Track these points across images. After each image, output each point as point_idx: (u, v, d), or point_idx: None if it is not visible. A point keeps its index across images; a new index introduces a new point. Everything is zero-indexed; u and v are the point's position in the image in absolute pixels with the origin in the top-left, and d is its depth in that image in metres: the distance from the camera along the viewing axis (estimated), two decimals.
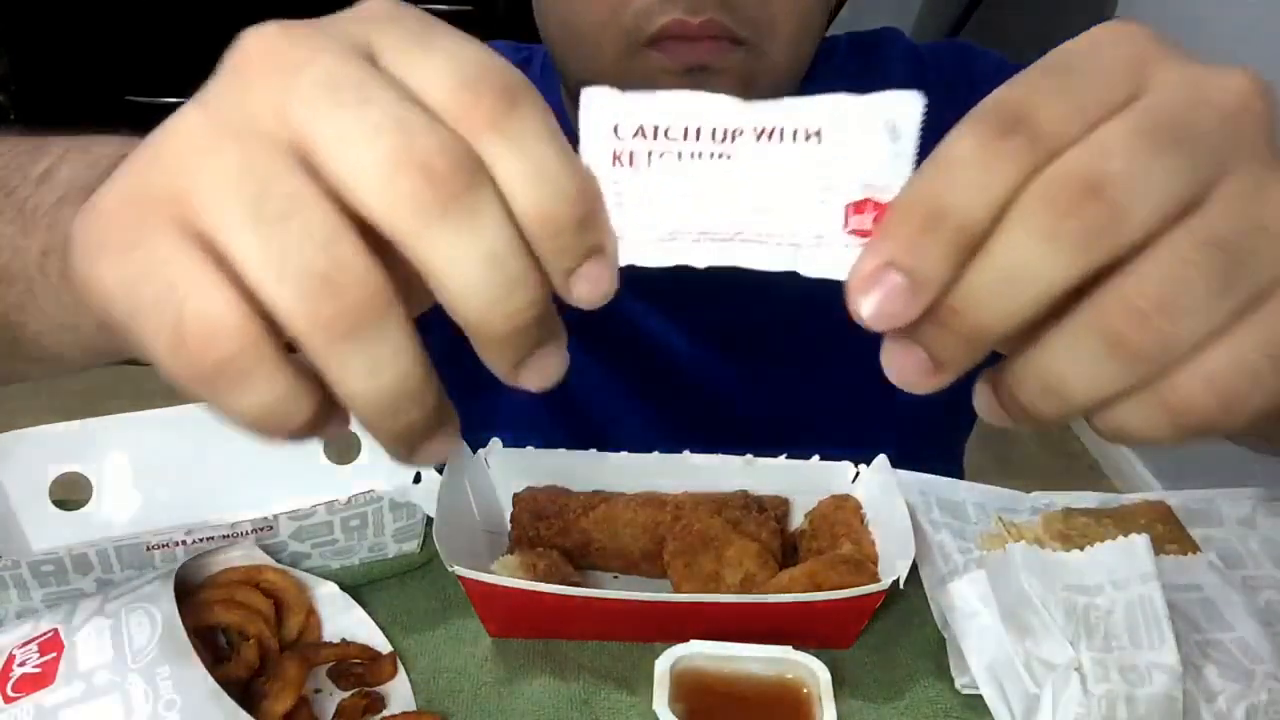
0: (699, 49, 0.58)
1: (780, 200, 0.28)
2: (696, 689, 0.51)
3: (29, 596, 0.54)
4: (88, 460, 0.61)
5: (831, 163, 0.28)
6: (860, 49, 0.76)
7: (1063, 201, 0.25)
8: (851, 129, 0.28)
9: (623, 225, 0.28)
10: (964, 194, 0.25)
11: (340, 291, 0.25)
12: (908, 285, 0.26)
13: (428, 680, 0.54)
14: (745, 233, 0.28)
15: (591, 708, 0.53)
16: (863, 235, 0.28)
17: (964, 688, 0.54)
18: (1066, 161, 0.25)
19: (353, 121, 0.25)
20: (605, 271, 0.28)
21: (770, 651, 0.52)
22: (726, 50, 0.59)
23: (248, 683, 0.50)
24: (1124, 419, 0.27)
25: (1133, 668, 0.49)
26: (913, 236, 0.26)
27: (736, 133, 0.28)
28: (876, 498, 0.61)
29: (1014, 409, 0.28)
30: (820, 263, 0.28)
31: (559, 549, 0.60)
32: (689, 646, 0.52)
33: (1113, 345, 0.25)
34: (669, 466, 0.63)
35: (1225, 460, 0.57)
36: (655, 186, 0.28)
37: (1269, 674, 0.50)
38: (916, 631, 0.58)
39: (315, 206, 0.25)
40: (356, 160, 0.25)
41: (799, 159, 0.28)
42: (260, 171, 0.25)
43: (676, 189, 0.28)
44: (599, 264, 0.27)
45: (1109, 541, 0.53)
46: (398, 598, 0.59)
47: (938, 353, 0.27)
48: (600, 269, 0.27)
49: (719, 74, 0.59)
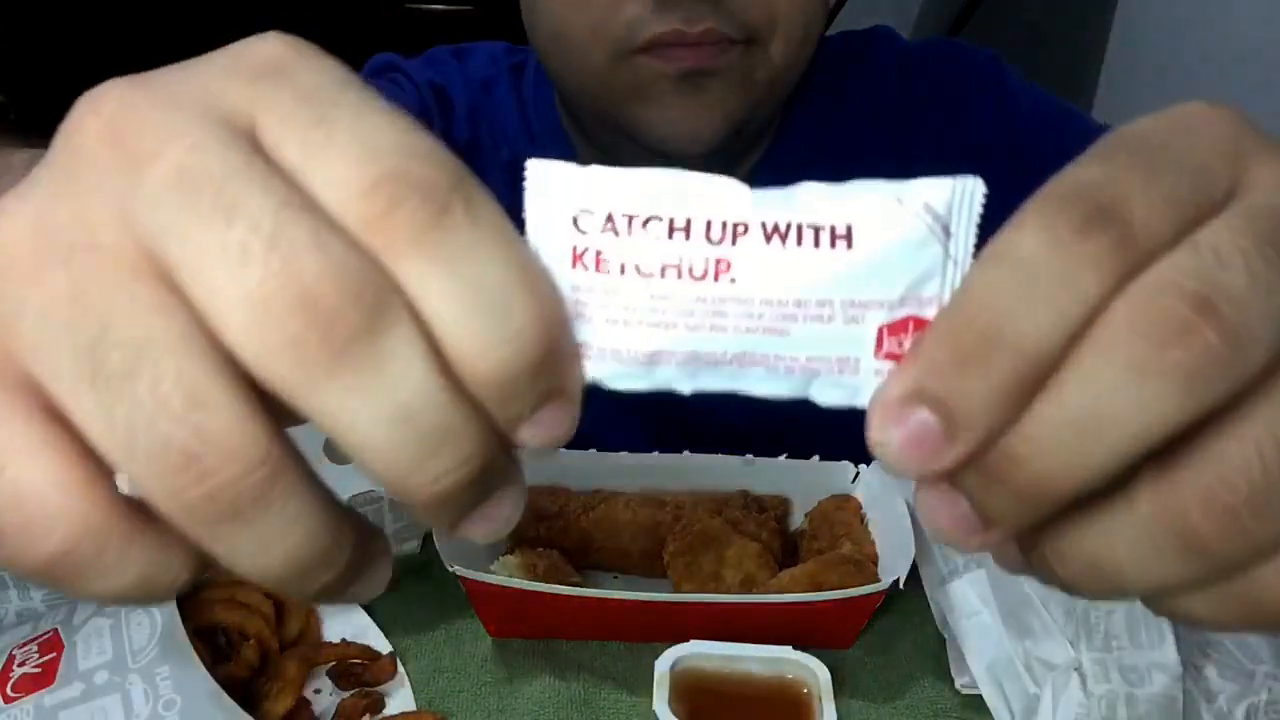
0: (697, 53, 0.58)
1: (796, 318, 0.21)
2: (696, 689, 0.51)
3: (29, 596, 0.54)
4: None
5: (863, 270, 0.21)
6: (851, 47, 0.76)
7: (1165, 323, 0.18)
8: (890, 226, 0.21)
9: (587, 342, 0.22)
10: (1030, 308, 0.19)
11: (207, 472, 0.18)
12: (941, 425, 0.20)
13: (428, 680, 0.54)
14: (748, 356, 0.22)
15: (591, 708, 0.53)
16: (898, 360, 0.21)
17: (964, 688, 0.54)
18: (1165, 270, 0.19)
19: (213, 239, 0.18)
20: (566, 415, 0.21)
21: (770, 651, 0.52)
22: (723, 51, 0.58)
23: (248, 683, 0.50)
24: (1187, 608, 0.21)
25: (1133, 668, 0.49)
26: (956, 360, 0.19)
27: (739, 230, 0.21)
28: (876, 498, 0.61)
29: (1047, 575, 0.22)
30: (842, 393, 0.22)
31: (559, 549, 0.60)
32: (689, 646, 0.52)
33: (1187, 542, 0.19)
34: (669, 466, 0.63)
35: None
36: (631, 296, 0.21)
37: (1269, 674, 0.50)
38: (916, 631, 0.58)
39: (169, 357, 0.19)
40: (218, 292, 0.18)
41: (821, 265, 0.21)
42: (98, 308, 0.19)
43: (659, 301, 0.21)
44: (558, 409, 0.21)
45: None
46: (398, 598, 0.59)
47: (988, 508, 0.21)
48: (559, 414, 0.21)
49: (716, 76, 0.59)
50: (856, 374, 0.22)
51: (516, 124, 0.72)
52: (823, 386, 0.22)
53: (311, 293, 0.18)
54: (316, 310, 0.18)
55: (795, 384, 0.22)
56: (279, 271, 0.18)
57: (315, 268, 0.18)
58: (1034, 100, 0.74)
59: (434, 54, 0.77)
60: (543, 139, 0.71)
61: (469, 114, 0.72)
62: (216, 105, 0.20)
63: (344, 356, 0.18)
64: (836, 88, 0.74)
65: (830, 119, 0.74)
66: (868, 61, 0.76)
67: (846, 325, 0.21)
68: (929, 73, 0.74)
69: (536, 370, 0.20)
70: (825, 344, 0.21)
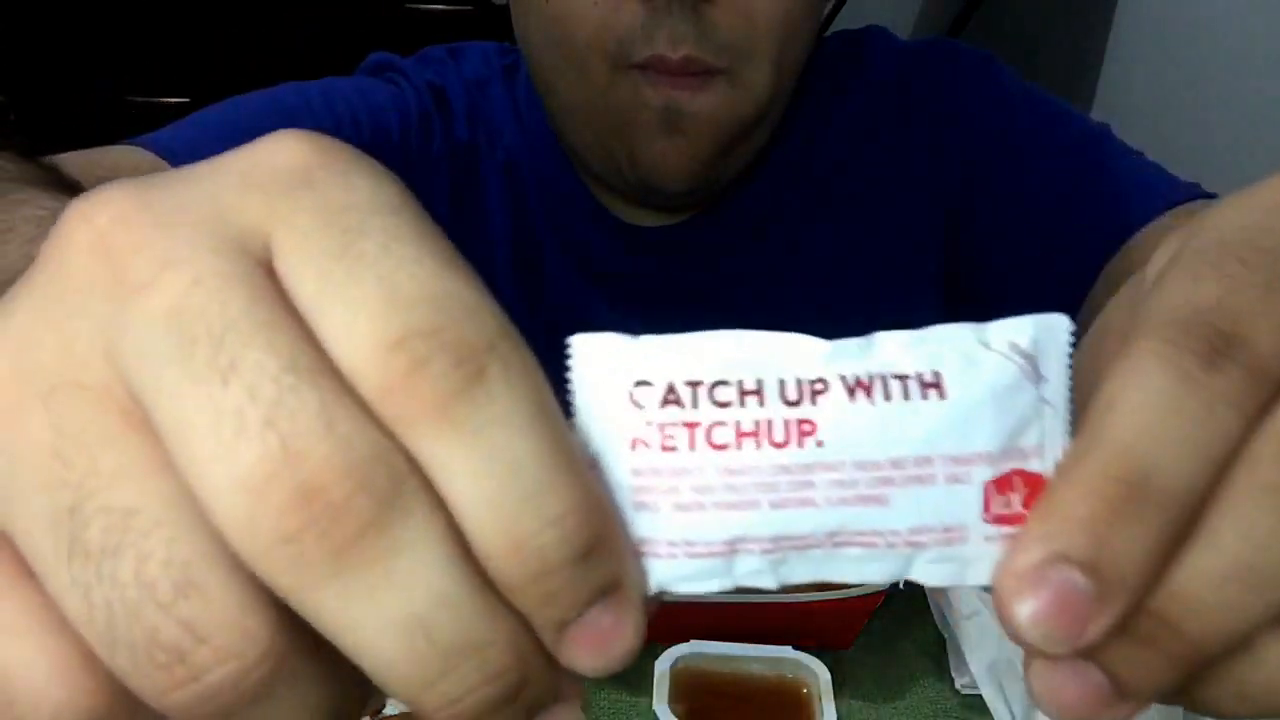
0: (676, 82, 0.59)
1: (894, 481, 0.19)
2: (696, 689, 0.51)
3: None
4: None
5: (960, 421, 0.19)
6: (847, 48, 0.77)
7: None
8: (980, 370, 0.19)
9: (652, 538, 0.19)
10: (1174, 452, 0.17)
11: (198, 672, 0.16)
12: (1093, 587, 0.17)
13: None
14: (842, 534, 0.19)
15: (591, 708, 0.53)
16: (1010, 523, 0.19)
17: (964, 688, 0.54)
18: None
19: (204, 403, 0.16)
20: (625, 619, 0.18)
21: (770, 651, 0.52)
22: (700, 87, 0.59)
23: None
24: None
25: None
26: (1101, 515, 0.17)
27: (818, 387, 0.19)
28: None
29: (1177, 696, 0.20)
30: (952, 568, 0.20)
31: None
32: (689, 646, 0.52)
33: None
34: None
35: None
36: (703, 475, 0.19)
37: None
38: (916, 631, 0.58)
39: (157, 530, 0.16)
40: (206, 468, 0.16)
41: (915, 419, 0.19)
42: (79, 464, 0.16)
43: (736, 476, 0.19)
44: (612, 610, 0.18)
45: None
46: None
47: (1128, 676, 0.18)
48: (613, 617, 0.18)
49: (691, 117, 0.60)
50: (965, 543, 0.19)
51: (511, 126, 0.72)
52: (928, 564, 0.19)
53: (312, 483, 0.15)
54: (316, 503, 0.15)
55: (896, 564, 0.19)
56: (276, 453, 0.15)
57: (319, 452, 0.16)
58: (1032, 100, 0.74)
59: (428, 53, 0.77)
60: (537, 142, 0.71)
61: (468, 114, 0.71)
62: (227, 223, 0.17)
63: (347, 556, 0.16)
64: (834, 89, 0.74)
65: (830, 119, 0.74)
66: (864, 62, 0.76)
67: (950, 485, 0.19)
68: (926, 73, 0.74)
69: (582, 561, 0.17)
70: (929, 510, 0.19)
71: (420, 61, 0.74)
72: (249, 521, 0.15)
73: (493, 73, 0.74)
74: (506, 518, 0.16)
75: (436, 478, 0.16)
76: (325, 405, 0.16)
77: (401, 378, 0.16)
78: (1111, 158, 0.70)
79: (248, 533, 0.15)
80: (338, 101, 0.66)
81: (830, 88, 0.74)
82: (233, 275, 0.16)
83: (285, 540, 0.15)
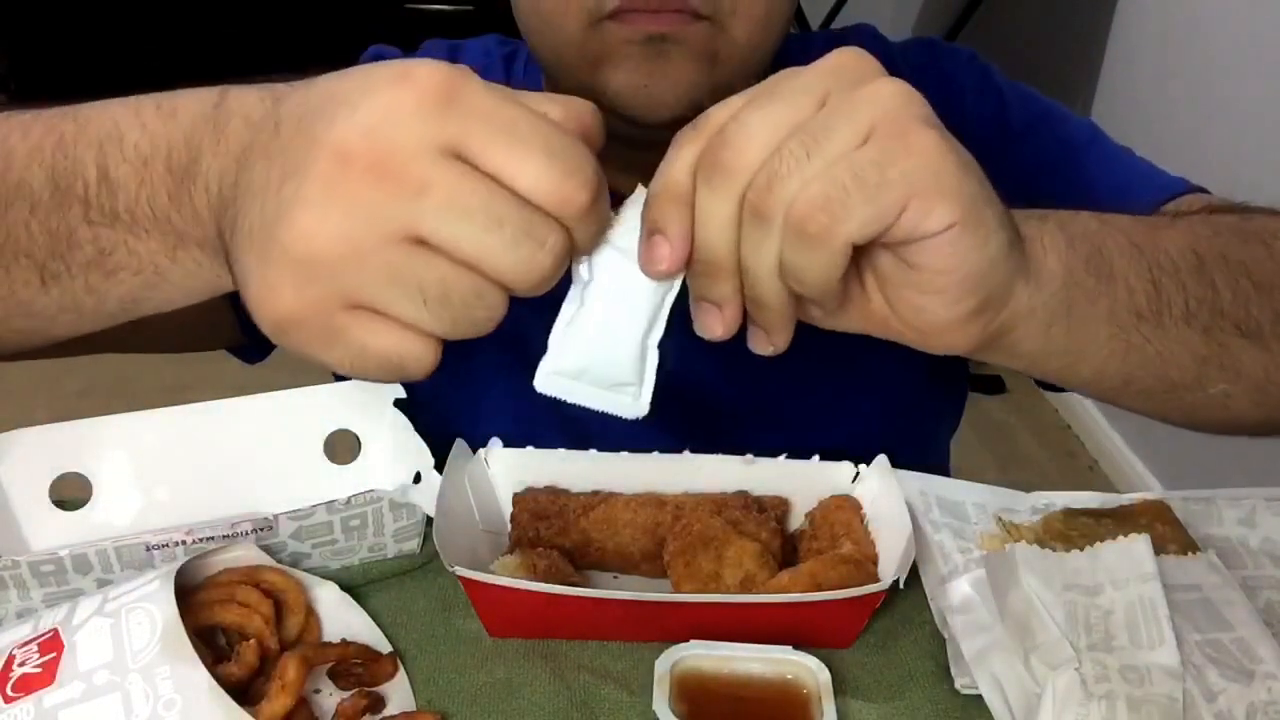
0: (659, 19, 0.60)
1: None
2: (696, 689, 0.51)
3: (29, 596, 0.53)
4: (88, 460, 0.61)
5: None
6: (833, 45, 0.77)
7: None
8: None
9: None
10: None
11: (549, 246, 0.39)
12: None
13: (428, 680, 0.54)
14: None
15: (591, 708, 0.53)
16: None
17: (964, 688, 0.54)
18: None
19: (492, 240, 0.37)
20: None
21: (770, 651, 0.52)
22: (686, 22, 0.60)
23: (248, 683, 0.50)
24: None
25: (1133, 668, 0.49)
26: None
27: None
28: (876, 498, 0.61)
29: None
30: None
31: (559, 549, 0.60)
32: (689, 646, 0.52)
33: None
34: (669, 467, 0.63)
35: (1225, 460, 0.57)
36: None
37: (1269, 674, 0.50)
38: (916, 631, 0.58)
39: (462, 277, 0.38)
40: (500, 258, 0.38)
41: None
42: (406, 276, 0.37)
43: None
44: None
45: (1109, 541, 0.53)
46: (398, 598, 0.59)
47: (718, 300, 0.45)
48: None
49: (679, 44, 0.61)
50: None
51: None
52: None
53: (532, 228, 0.38)
54: (535, 235, 0.38)
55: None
56: (520, 238, 0.37)
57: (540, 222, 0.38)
58: (1022, 98, 0.74)
59: (429, 47, 0.78)
60: None
61: None
62: (435, 142, 0.36)
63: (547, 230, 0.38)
64: None
65: None
66: None
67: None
68: (913, 72, 0.74)
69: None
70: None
71: (422, 55, 0.75)
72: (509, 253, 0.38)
73: (492, 62, 0.77)
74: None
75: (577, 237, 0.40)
76: (534, 215, 0.38)
77: (568, 195, 0.38)
78: (1106, 151, 0.71)
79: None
80: None
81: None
82: (462, 173, 0.37)
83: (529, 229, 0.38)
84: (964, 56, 0.76)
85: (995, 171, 0.72)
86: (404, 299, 0.37)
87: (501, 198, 0.37)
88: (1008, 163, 0.71)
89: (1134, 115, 2.24)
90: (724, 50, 0.62)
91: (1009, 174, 0.72)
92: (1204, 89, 2.00)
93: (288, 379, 0.65)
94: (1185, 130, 2.04)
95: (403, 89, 0.36)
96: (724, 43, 0.62)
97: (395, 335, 0.38)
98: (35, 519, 0.60)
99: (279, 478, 0.63)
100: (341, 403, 0.65)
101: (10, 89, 3.24)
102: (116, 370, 2.10)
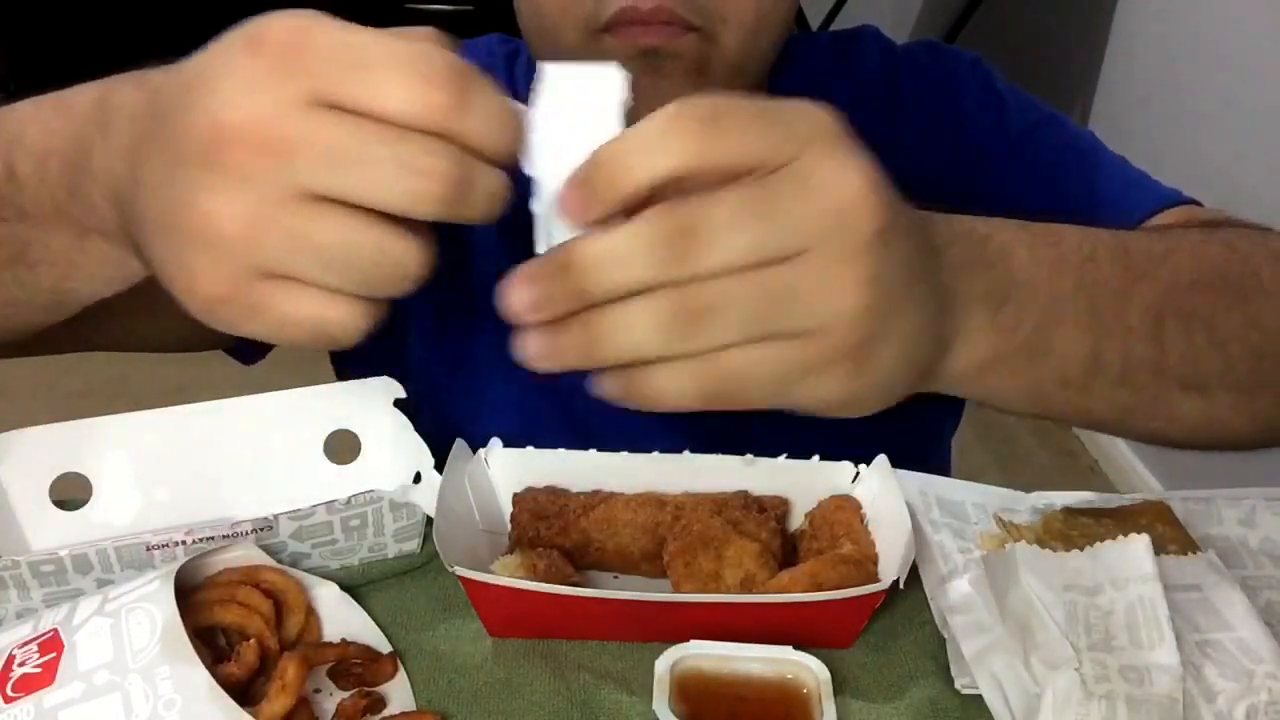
0: (650, 32, 0.61)
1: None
2: (696, 689, 0.51)
3: (29, 596, 0.53)
4: (88, 460, 0.61)
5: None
6: (838, 45, 0.77)
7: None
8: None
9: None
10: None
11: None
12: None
13: (428, 680, 0.54)
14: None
15: (591, 708, 0.53)
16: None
17: (964, 688, 0.54)
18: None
19: (373, 169, 0.36)
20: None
21: (770, 651, 0.52)
22: (677, 35, 0.61)
23: (248, 683, 0.50)
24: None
25: (1133, 668, 0.49)
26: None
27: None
28: (876, 498, 0.61)
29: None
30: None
31: (559, 549, 0.60)
32: (689, 646, 0.52)
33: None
34: (669, 467, 0.63)
35: (1225, 460, 0.57)
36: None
37: (1269, 674, 0.50)
38: (916, 631, 0.58)
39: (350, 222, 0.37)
40: (384, 175, 0.36)
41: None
42: (306, 239, 0.37)
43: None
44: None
45: (1109, 541, 0.53)
46: (398, 598, 0.59)
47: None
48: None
49: (672, 57, 0.62)
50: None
51: None
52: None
53: (410, 157, 0.36)
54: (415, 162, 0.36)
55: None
56: (402, 157, 0.36)
57: (420, 148, 0.36)
58: (1021, 102, 0.74)
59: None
60: None
61: None
62: (296, 99, 0.36)
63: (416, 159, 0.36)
64: (820, 89, 0.76)
65: None
66: (853, 61, 0.76)
67: None
68: (916, 74, 0.75)
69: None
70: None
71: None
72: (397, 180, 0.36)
73: (495, 61, 0.78)
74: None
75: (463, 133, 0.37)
76: (411, 138, 0.36)
77: (431, 101, 0.36)
78: (1101, 161, 0.71)
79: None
80: None
81: (818, 84, 0.75)
82: (330, 120, 0.36)
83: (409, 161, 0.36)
84: (967, 60, 0.76)
85: (993, 176, 0.72)
86: (310, 263, 0.37)
87: (370, 131, 0.35)
88: (1006, 167, 0.72)
89: (1134, 116, 2.24)
90: (715, 61, 0.63)
91: (1006, 179, 0.72)
92: (1204, 90, 2.00)
93: (288, 379, 0.65)
94: (1185, 132, 2.04)
95: (255, 55, 0.36)
96: (715, 53, 0.63)
97: (316, 302, 0.37)
98: (35, 519, 0.60)
99: (279, 478, 0.63)
100: (341, 403, 0.65)
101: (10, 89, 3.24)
102: (116, 370, 2.11)
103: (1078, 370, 0.49)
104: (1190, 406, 0.53)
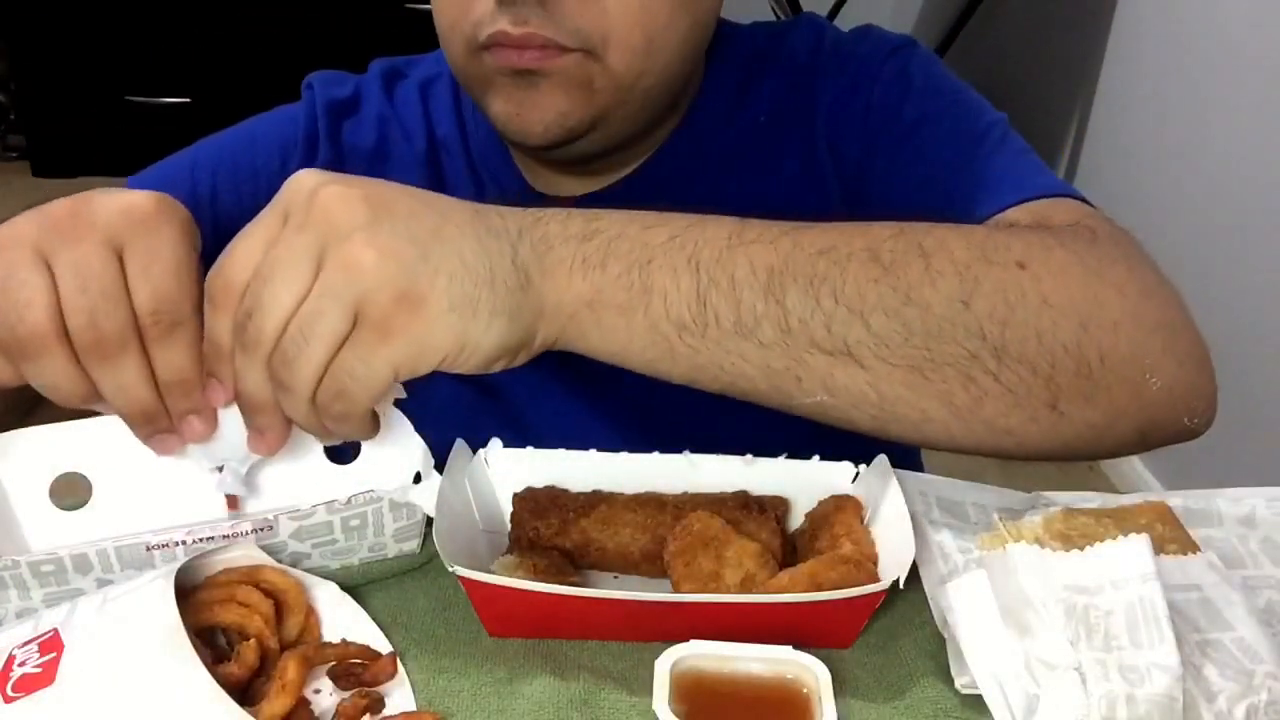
0: (524, 56, 0.63)
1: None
2: (696, 689, 0.51)
3: (29, 596, 0.54)
4: (88, 460, 0.61)
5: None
6: (771, 36, 0.80)
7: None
8: None
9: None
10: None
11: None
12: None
13: (428, 680, 0.54)
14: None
15: (591, 708, 0.53)
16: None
17: (964, 688, 0.54)
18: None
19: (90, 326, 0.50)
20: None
21: (770, 651, 0.52)
22: (553, 57, 0.63)
23: (248, 683, 0.50)
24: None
25: (1133, 668, 0.49)
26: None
27: None
28: (876, 498, 0.61)
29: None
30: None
31: (559, 549, 0.60)
32: (689, 646, 0.52)
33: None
34: (669, 467, 0.63)
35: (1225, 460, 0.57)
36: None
37: (1269, 674, 0.50)
38: (916, 631, 0.59)
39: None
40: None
41: None
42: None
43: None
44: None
45: (1109, 541, 0.53)
46: (398, 598, 0.59)
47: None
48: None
49: (547, 76, 0.64)
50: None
51: (447, 116, 0.81)
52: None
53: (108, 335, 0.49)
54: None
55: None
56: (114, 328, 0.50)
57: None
58: (930, 89, 0.74)
59: (376, 65, 0.84)
60: (473, 125, 0.80)
61: (377, 118, 0.81)
62: (111, 240, 0.49)
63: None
64: (742, 86, 0.78)
65: (733, 118, 0.77)
66: (783, 50, 0.77)
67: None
68: (837, 59, 0.76)
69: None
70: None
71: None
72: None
73: (443, 69, 0.81)
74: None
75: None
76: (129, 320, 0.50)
77: (151, 324, 0.50)
78: (987, 151, 0.70)
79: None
80: (204, 174, 0.79)
81: (742, 86, 0.77)
82: (113, 269, 0.50)
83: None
84: (889, 45, 0.75)
85: (880, 161, 0.73)
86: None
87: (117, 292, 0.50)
88: (892, 154, 0.73)
89: (1134, 115, 2.24)
90: (599, 80, 0.65)
91: (891, 166, 0.73)
92: (1204, 89, 2.00)
93: None
94: (1185, 130, 2.04)
95: (129, 198, 0.51)
96: (598, 72, 0.64)
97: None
98: (35, 519, 0.60)
99: (279, 478, 0.63)
100: None
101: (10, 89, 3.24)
102: None
103: (688, 313, 0.52)
104: (847, 376, 0.53)
